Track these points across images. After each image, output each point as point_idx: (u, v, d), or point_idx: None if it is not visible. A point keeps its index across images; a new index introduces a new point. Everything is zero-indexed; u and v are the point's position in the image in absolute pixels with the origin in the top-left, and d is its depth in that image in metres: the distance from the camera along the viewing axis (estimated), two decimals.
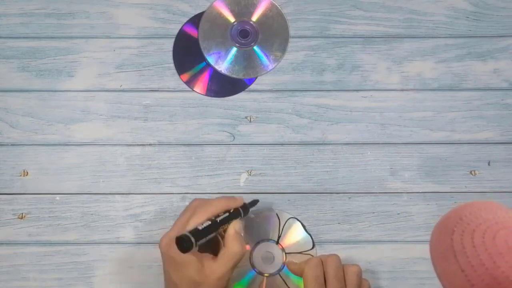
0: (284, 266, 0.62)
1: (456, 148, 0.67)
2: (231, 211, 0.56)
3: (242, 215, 0.57)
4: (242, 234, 0.56)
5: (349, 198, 0.66)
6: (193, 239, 0.50)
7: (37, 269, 0.63)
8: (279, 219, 0.63)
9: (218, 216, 0.55)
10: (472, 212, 0.38)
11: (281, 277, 0.62)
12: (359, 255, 0.64)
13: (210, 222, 0.53)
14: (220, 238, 0.56)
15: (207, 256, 0.54)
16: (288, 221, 0.64)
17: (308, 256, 0.62)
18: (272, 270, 0.62)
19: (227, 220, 0.55)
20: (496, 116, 0.67)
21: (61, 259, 0.64)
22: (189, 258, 0.53)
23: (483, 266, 0.35)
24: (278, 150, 0.66)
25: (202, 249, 0.54)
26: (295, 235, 0.63)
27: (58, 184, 0.65)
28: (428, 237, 0.65)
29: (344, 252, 0.64)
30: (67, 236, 0.64)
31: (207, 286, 0.53)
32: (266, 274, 0.62)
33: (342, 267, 0.56)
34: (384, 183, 0.66)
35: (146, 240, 0.64)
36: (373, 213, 0.65)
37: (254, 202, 0.60)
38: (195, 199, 0.57)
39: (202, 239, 0.52)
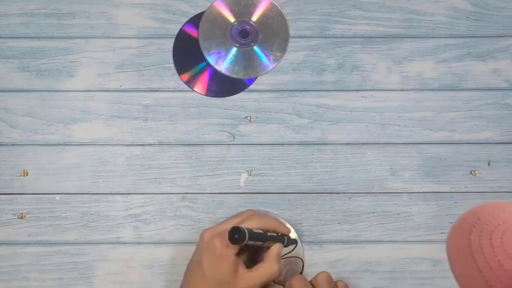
0: None
1: (456, 148, 0.67)
2: (279, 234, 0.58)
3: (285, 243, 0.59)
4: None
5: (349, 198, 0.66)
6: (247, 235, 0.52)
7: (37, 269, 0.63)
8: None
9: (268, 231, 0.57)
10: (490, 212, 0.38)
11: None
12: (359, 255, 0.64)
13: (261, 231, 0.55)
14: (260, 253, 0.57)
15: (241, 264, 0.54)
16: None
17: (294, 259, 0.62)
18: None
19: (274, 239, 0.57)
20: (496, 116, 0.67)
21: (61, 259, 0.64)
22: (229, 255, 0.53)
23: (502, 267, 0.34)
24: (278, 150, 0.66)
25: (240, 252, 0.55)
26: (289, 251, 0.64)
27: (58, 184, 0.65)
28: (428, 237, 0.65)
29: (344, 252, 0.64)
30: (67, 236, 0.64)
31: None
32: None
33: (309, 284, 0.56)
34: (384, 183, 0.66)
35: (146, 240, 0.64)
36: (373, 213, 0.65)
37: (295, 241, 0.62)
38: (249, 210, 0.60)
39: (252, 241, 0.53)
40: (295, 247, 0.62)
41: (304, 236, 0.65)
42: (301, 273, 0.63)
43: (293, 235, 0.63)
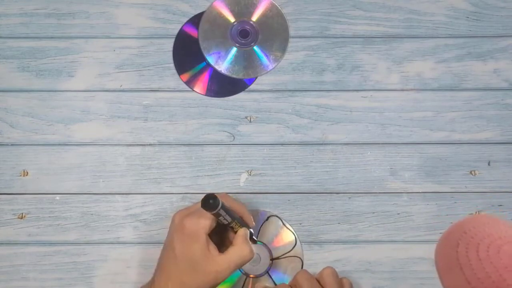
0: (270, 267, 0.62)
1: (456, 148, 0.67)
2: (244, 221, 0.58)
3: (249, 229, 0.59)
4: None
5: (349, 198, 0.66)
6: (220, 201, 0.51)
7: (37, 269, 0.63)
8: (259, 218, 0.64)
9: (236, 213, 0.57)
10: (475, 226, 0.39)
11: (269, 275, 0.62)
12: (359, 255, 0.64)
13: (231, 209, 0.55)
14: (229, 237, 0.57)
15: (214, 246, 0.54)
16: (270, 218, 0.64)
17: (293, 258, 0.62)
18: (258, 271, 0.62)
19: (240, 222, 0.56)
20: (496, 116, 0.67)
21: (61, 259, 0.64)
22: (200, 234, 0.53)
23: (490, 278, 0.36)
24: (278, 150, 0.66)
25: (212, 238, 0.54)
26: (277, 232, 0.64)
27: (58, 184, 0.65)
28: (428, 237, 0.65)
29: (344, 252, 0.64)
30: (67, 236, 0.64)
31: (203, 273, 0.53)
32: (251, 276, 0.62)
33: (314, 278, 0.55)
34: (384, 183, 0.66)
35: (146, 240, 0.64)
36: (373, 213, 0.65)
37: (254, 241, 0.61)
38: (223, 193, 0.59)
39: (223, 212, 0.53)
40: (257, 236, 0.62)
41: (304, 236, 0.65)
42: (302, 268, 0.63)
43: (292, 236, 0.63)
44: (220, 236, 0.58)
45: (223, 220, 0.54)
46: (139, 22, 0.68)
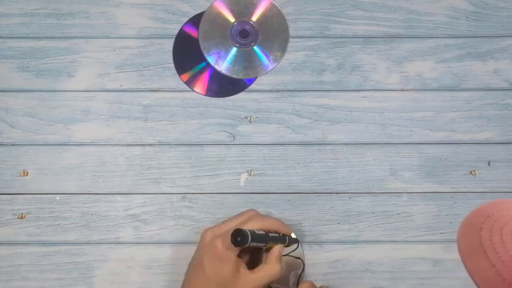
0: None
1: (456, 148, 0.67)
2: (281, 234, 0.58)
3: (286, 243, 0.58)
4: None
5: (349, 198, 0.66)
6: (249, 236, 0.52)
7: (37, 269, 0.63)
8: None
9: (270, 232, 0.56)
10: (499, 210, 0.39)
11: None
12: (359, 255, 0.64)
13: (263, 232, 0.55)
14: (261, 253, 0.57)
15: (243, 264, 0.54)
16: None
17: (292, 258, 0.62)
18: None
19: (276, 240, 0.56)
20: (496, 116, 0.67)
21: (61, 259, 0.64)
22: (231, 256, 0.53)
23: None
24: (278, 150, 0.66)
25: (241, 253, 0.54)
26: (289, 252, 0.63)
27: (58, 184, 0.65)
28: (428, 237, 0.65)
29: (344, 252, 0.64)
30: (67, 236, 0.64)
31: None
32: None
33: None
34: (384, 183, 0.66)
35: (146, 240, 0.64)
36: (373, 213, 0.65)
37: (296, 240, 0.61)
38: (251, 209, 0.59)
39: (254, 243, 0.53)
40: (297, 247, 0.62)
41: (304, 236, 0.65)
42: (302, 272, 0.63)
43: (293, 236, 0.63)
44: (256, 252, 0.58)
45: (257, 246, 0.54)
46: (139, 22, 0.68)
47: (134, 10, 0.68)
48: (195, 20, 0.67)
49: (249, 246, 0.53)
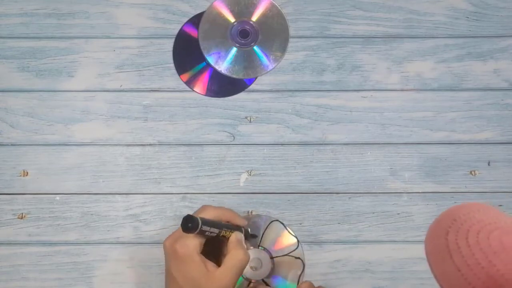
0: (271, 270, 0.62)
1: (456, 148, 0.67)
2: (234, 224, 0.57)
3: (243, 233, 0.58)
4: (245, 245, 0.56)
5: (349, 198, 0.66)
6: (199, 220, 0.51)
7: (37, 269, 0.63)
8: (262, 223, 0.63)
9: (223, 221, 0.56)
10: (465, 213, 0.39)
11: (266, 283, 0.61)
12: (359, 255, 0.64)
13: (215, 220, 0.55)
14: (224, 248, 0.57)
15: (211, 263, 0.53)
16: (272, 223, 0.64)
17: (292, 258, 0.62)
18: (260, 276, 0.61)
19: (229, 227, 0.56)
20: (496, 116, 0.67)
21: (61, 259, 0.64)
22: (192, 255, 0.52)
23: (479, 265, 0.35)
24: (278, 150, 0.66)
25: (206, 255, 0.54)
26: (279, 236, 0.63)
27: (58, 184, 0.65)
28: None
29: (344, 252, 0.64)
30: (67, 236, 0.64)
31: None
32: (253, 281, 0.61)
33: None
34: (384, 183, 0.66)
35: (146, 240, 0.64)
36: (373, 213, 0.65)
37: (254, 236, 0.61)
38: (204, 205, 0.58)
39: (206, 227, 0.52)
40: (297, 247, 0.62)
41: (304, 236, 0.65)
42: (302, 272, 0.63)
43: (293, 239, 0.63)
44: (218, 249, 0.57)
45: (211, 234, 0.53)
46: (139, 22, 0.68)
47: (134, 10, 0.68)
48: (195, 20, 0.67)
49: (203, 232, 0.52)
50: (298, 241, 0.62)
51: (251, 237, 0.62)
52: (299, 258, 0.62)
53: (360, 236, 0.65)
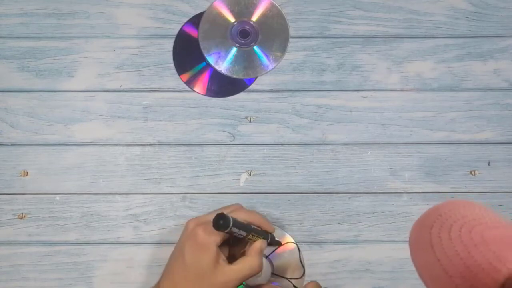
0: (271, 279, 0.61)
1: (456, 148, 0.67)
2: (262, 229, 0.57)
3: (268, 241, 0.58)
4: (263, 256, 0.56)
5: (349, 198, 0.65)
6: (231, 221, 0.51)
7: (37, 269, 0.63)
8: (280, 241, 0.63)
9: (253, 224, 0.56)
10: (451, 209, 0.40)
11: None
12: (359, 255, 0.64)
13: (245, 223, 0.55)
14: (242, 249, 0.57)
15: (223, 256, 0.53)
16: (288, 244, 0.63)
17: (296, 263, 0.62)
18: (260, 282, 0.61)
19: (258, 233, 0.56)
20: (496, 116, 0.67)
21: (61, 259, 0.64)
22: (211, 245, 0.52)
23: (458, 256, 0.36)
24: (278, 150, 0.66)
25: (222, 249, 0.54)
26: (289, 259, 0.63)
27: (58, 184, 0.65)
28: None
29: (344, 252, 0.64)
30: (67, 236, 0.64)
31: (210, 284, 0.52)
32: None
33: None
34: (384, 183, 0.66)
35: (146, 240, 0.64)
36: (373, 213, 0.65)
37: (278, 242, 0.61)
38: (237, 203, 0.59)
39: (235, 229, 0.52)
40: (277, 247, 0.62)
41: (304, 236, 0.65)
42: (303, 275, 0.63)
43: (276, 238, 0.63)
44: (237, 246, 0.57)
45: (238, 235, 0.54)
46: (139, 22, 0.68)
47: (134, 10, 0.68)
48: (195, 20, 0.67)
49: (231, 232, 0.52)
50: (304, 271, 0.62)
51: (275, 243, 0.61)
52: (300, 262, 0.62)
53: (360, 236, 0.65)
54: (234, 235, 0.53)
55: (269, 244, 0.59)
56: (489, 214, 0.39)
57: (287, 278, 0.61)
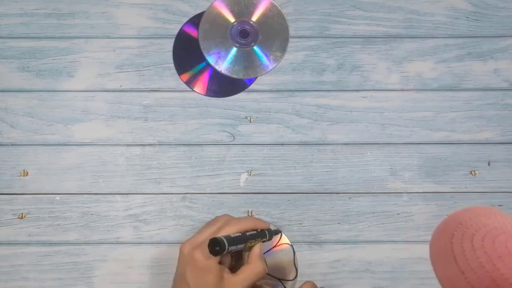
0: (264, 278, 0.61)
1: (456, 148, 0.67)
2: (258, 230, 0.57)
3: (267, 237, 0.57)
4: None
5: (349, 198, 0.65)
6: (226, 244, 0.51)
7: (37, 269, 0.63)
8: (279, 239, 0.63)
9: (246, 231, 0.56)
10: (472, 217, 0.39)
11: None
12: (359, 255, 0.64)
13: (240, 234, 0.54)
14: (242, 255, 0.56)
15: (226, 270, 0.53)
16: (285, 245, 0.63)
17: (290, 265, 0.62)
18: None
19: (254, 237, 0.56)
20: (496, 116, 0.67)
21: (61, 259, 0.64)
22: (212, 265, 0.52)
23: (483, 268, 0.35)
24: (278, 150, 0.66)
25: (222, 262, 0.54)
26: (283, 260, 0.63)
27: (58, 184, 0.65)
28: (428, 237, 0.65)
29: (344, 252, 0.64)
30: (67, 236, 0.64)
31: None
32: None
33: None
34: (384, 183, 0.66)
35: (146, 240, 0.64)
36: (373, 213, 0.65)
37: (277, 232, 0.61)
38: (224, 215, 0.58)
39: (233, 247, 0.52)
40: (280, 236, 0.62)
41: (304, 236, 0.65)
42: (296, 277, 0.62)
43: (273, 228, 0.62)
44: (238, 255, 0.57)
45: (237, 249, 0.54)
46: (139, 22, 0.68)
47: (134, 10, 0.68)
48: (195, 20, 0.67)
49: (229, 251, 0.52)
50: (280, 232, 0.62)
51: (275, 234, 0.60)
52: (294, 264, 0.62)
53: (360, 236, 0.65)
54: (233, 251, 0.53)
55: (270, 239, 0.58)
56: (510, 221, 0.38)
57: (279, 279, 0.61)
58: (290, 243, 0.63)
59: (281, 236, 0.62)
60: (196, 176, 0.65)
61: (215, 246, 0.51)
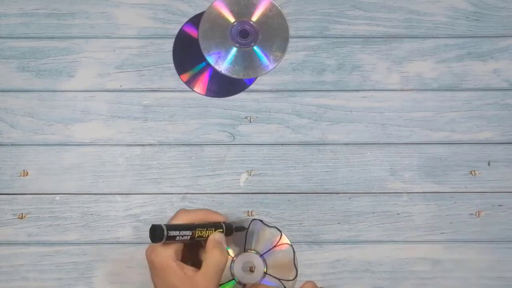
0: (263, 278, 0.61)
1: (456, 148, 0.67)
2: (211, 222, 0.56)
3: (224, 230, 0.56)
4: (224, 245, 0.55)
5: (349, 198, 0.65)
6: (165, 229, 0.50)
7: (37, 269, 0.63)
8: (280, 236, 0.63)
9: (195, 222, 0.55)
10: None
11: None
12: (359, 255, 0.64)
13: (187, 224, 0.54)
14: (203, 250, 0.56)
15: (189, 268, 0.53)
16: (285, 245, 0.63)
17: (285, 261, 0.62)
18: (252, 280, 0.61)
19: (204, 226, 0.55)
20: (496, 116, 0.67)
21: (61, 259, 0.64)
22: (168, 263, 0.51)
23: None
24: (278, 150, 0.66)
25: (184, 260, 0.53)
26: (283, 259, 0.63)
27: (58, 184, 0.65)
28: (428, 237, 0.65)
29: (344, 252, 0.64)
30: (67, 236, 0.64)
31: None
32: (249, 285, 0.61)
33: None
34: (384, 183, 0.66)
35: (146, 240, 0.64)
36: (373, 213, 0.65)
37: (241, 228, 0.61)
38: (181, 209, 0.57)
39: (175, 233, 0.51)
40: (280, 236, 0.61)
41: (304, 236, 0.65)
42: (296, 277, 0.62)
43: (284, 239, 0.62)
44: (199, 252, 0.57)
45: (184, 238, 0.52)
46: (139, 22, 0.68)
47: (134, 10, 0.68)
48: (195, 20, 0.67)
49: (175, 239, 0.51)
50: (297, 273, 0.62)
51: (237, 230, 0.60)
52: (294, 265, 0.62)
53: (360, 236, 0.65)
54: (180, 239, 0.52)
55: (229, 233, 0.57)
56: None
57: (279, 279, 0.62)
58: (290, 243, 0.63)
59: (281, 236, 0.62)
60: (196, 176, 0.65)
61: (153, 231, 0.50)
